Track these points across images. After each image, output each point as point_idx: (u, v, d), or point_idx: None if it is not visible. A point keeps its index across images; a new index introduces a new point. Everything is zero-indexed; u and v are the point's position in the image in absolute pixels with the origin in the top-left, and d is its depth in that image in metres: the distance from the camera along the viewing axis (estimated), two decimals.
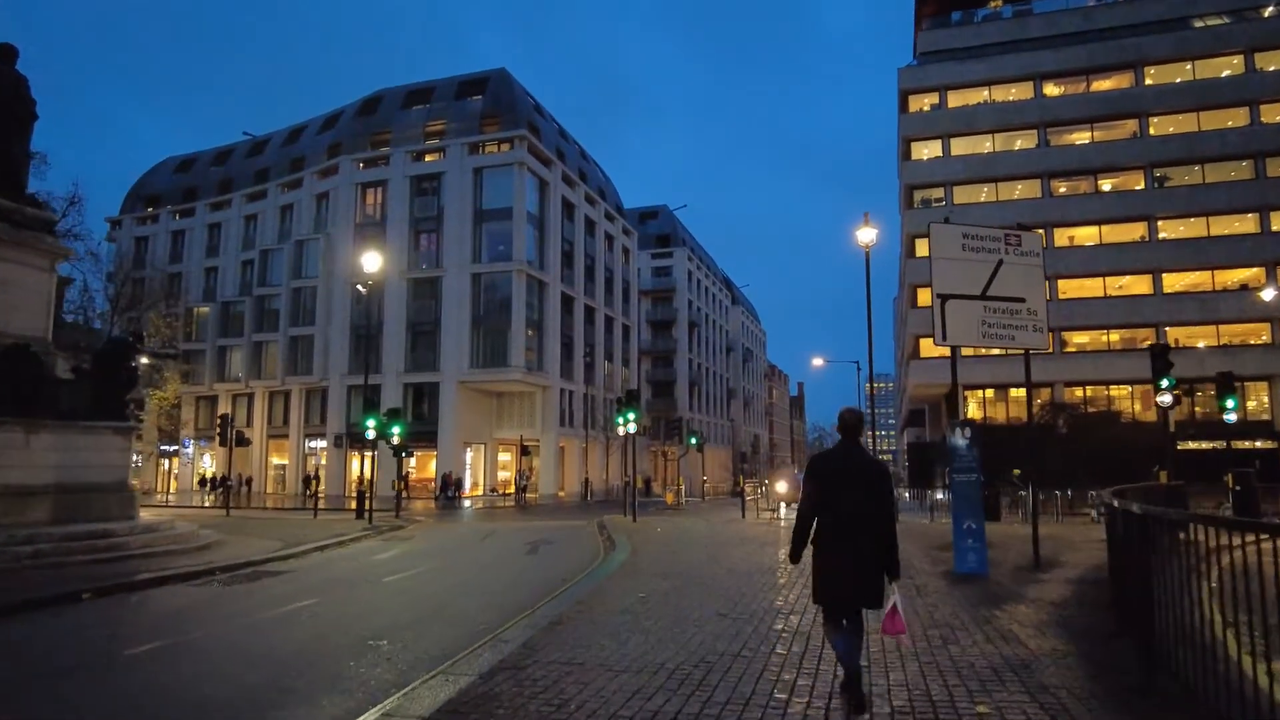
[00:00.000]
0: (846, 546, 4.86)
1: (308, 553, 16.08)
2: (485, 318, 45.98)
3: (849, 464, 5.04)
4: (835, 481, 4.98)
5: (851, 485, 4.93)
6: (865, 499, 4.91)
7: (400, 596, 10.56)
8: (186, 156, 64.83)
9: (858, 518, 4.88)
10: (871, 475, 4.99)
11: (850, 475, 4.97)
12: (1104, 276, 45.14)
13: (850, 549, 4.86)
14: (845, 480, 4.96)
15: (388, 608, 9.67)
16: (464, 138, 47.87)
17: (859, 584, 4.87)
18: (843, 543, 4.87)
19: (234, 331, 54.55)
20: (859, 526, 4.87)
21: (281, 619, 8.87)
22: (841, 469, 5.02)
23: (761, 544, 15.30)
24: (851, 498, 4.90)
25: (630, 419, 22.43)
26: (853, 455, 5.10)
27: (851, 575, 4.86)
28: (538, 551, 16.29)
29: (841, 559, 4.86)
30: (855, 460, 5.06)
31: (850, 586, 4.88)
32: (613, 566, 12.53)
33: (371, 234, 49.28)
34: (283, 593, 10.91)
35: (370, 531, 20.76)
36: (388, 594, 10.83)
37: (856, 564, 4.86)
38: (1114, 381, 44.79)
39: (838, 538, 4.89)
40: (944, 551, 13.64)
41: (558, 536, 19.55)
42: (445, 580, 12.20)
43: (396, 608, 9.64)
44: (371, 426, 24.32)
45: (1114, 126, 46.03)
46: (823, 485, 5.01)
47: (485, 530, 21.93)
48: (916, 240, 48.24)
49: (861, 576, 4.86)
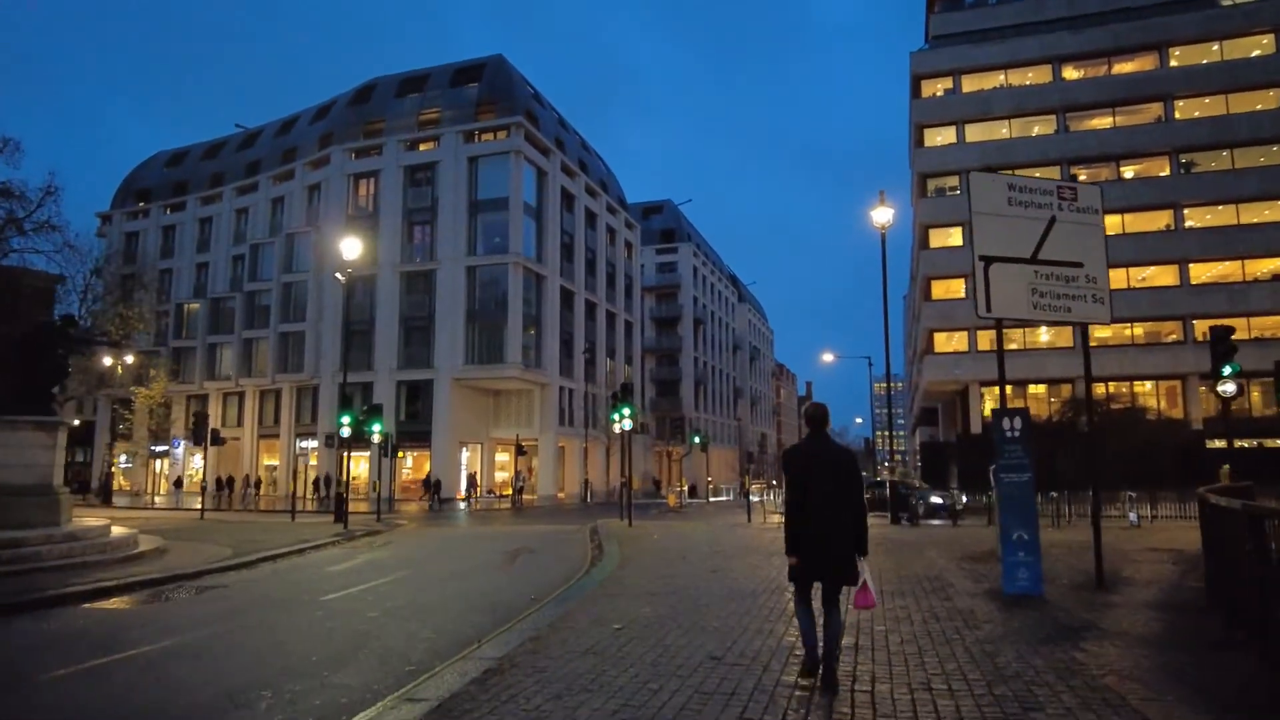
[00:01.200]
0: (822, 528, 5.25)
1: (257, 563, 14.28)
2: (481, 313, 44.18)
3: (819, 453, 5.45)
4: (809, 470, 5.38)
5: (823, 472, 5.34)
6: (836, 483, 5.31)
7: (328, 623, 8.71)
8: (178, 150, 63.28)
9: (831, 501, 5.27)
10: (841, 461, 5.45)
11: (822, 463, 5.39)
12: (1127, 267, 42.94)
13: (825, 530, 5.25)
14: (818, 468, 5.36)
15: (300, 641, 7.81)
16: (459, 125, 46.10)
17: (836, 561, 5.27)
18: (818, 525, 5.26)
19: (224, 328, 52.93)
20: (833, 509, 5.27)
21: (147, 662, 6.95)
22: (813, 458, 5.43)
23: (768, 554, 13.41)
24: (823, 483, 5.30)
25: (625, 415, 20.54)
26: (822, 445, 5.53)
27: (828, 553, 5.25)
28: (516, 561, 14.45)
29: (818, 539, 5.25)
30: (824, 449, 5.49)
31: (828, 563, 5.28)
32: (594, 582, 10.68)
33: (364, 226, 47.43)
34: (188, 617, 9.10)
35: (340, 538, 18.95)
36: (315, 619, 8.99)
37: (832, 543, 5.25)
38: (1139, 377, 42.71)
39: (814, 520, 5.27)
40: (979, 564, 11.74)
41: (544, 543, 17.70)
42: (395, 598, 10.35)
43: (312, 641, 7.78)
44: (346, 424, 22.46)
45: (1137, 110, 43.93)
46: (799, 474, 5.40)
47: (468, 535, 20.11)
48: (931, 230, 46.32)
49: (838, 554, 5.26)
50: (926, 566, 11.58)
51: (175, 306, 55.90)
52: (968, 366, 44.16)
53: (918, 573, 10.89)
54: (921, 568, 11.45)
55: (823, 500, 5.23)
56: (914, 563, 12.04)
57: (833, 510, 5.22)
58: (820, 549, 5.23)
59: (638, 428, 54.95)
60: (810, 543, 5.24)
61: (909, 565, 11.71)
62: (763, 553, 13.74)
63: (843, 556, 5.24)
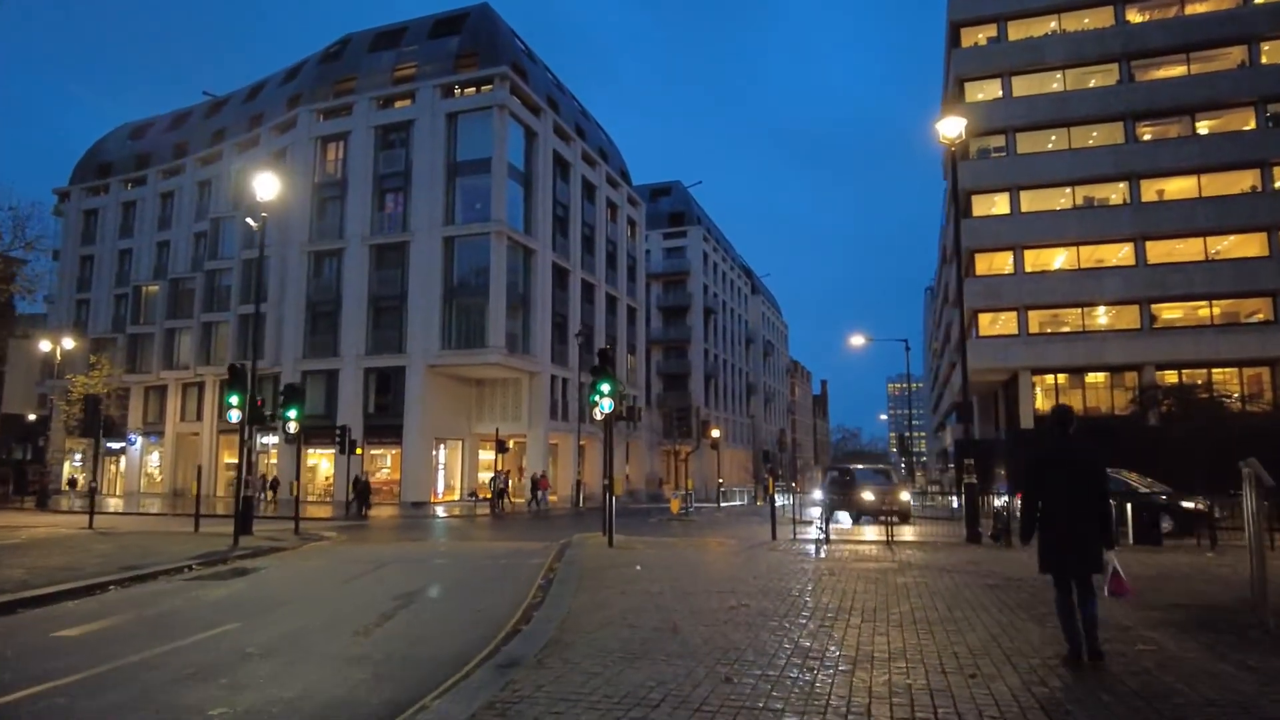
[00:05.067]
0: (1068, 522, 5.79)
1: (48, 599, 8.89)
2: (460, 290, 38.79)
3: (1065, 453, 5.97)
4: (1054, 468, 5.91)
5: (1070, 471, 5.86)
6: (1082, 481, 5.83)
7: None
8: (142, 122, 58.29)
9: (1078, 498, 5.80)
10: (1084, 459, 5.93)
11: (1068, 462, 5.92)
12: (1204, 236, 37.19)
13: (1071, 523, 5.78)
14: (1065, 467, 5.89)
15: None
16: (437, 80, 40.72)
17: (1081, 552, 5.80)
18: (1068, 521, 5.79)
19: (184, 312, 47.82)
20: (1080, 505, 5.79)
21: None
22: (1059, 457, 5.96)
23: (833, 616, 7.89)
24: (1071, 481, 5.82)
25: (604, 393, 15.00)
26: (1067, 445, 6.05)
27: (1073, 545, 5.79)
28: (393, 618, 8.92)
29: (1064, 532, 5.81)
30: (1069, 449, 6.00)
31: (1075, 555, 5.79)
32: (466, 708, 5.19)
33: (330, 195, 42.40)
34: None
35: (202, 561, 13.55)
36: None
37: (1078, 535, 5.79)
38: (1217, 363, 36.80)
39: (1060, 515, 5.82)
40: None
41: (471, 579, 12.23)
42: (99, 699, 4.95)
43: None
44: (235, 406, 17.03)
45: (1214, 56, 38.03)
46: (1044, 472, 5.95)
47: (377, 560, 14.63)
48: (974, 197, 40.57)
49: (1086, 547, 5.80)
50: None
51: (133, 289, 50.91)
52: (1017, 352, 38.42)
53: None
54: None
55: (1069, 497, 5.81)
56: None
57: (1079, 506, 5.78)
58: (1070, 543, 5.78)
59: (633, 418, 49.39)
60: (1060, 538, 5.81)
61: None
62: (818, 614, 8.16)
63: (1091, 550, 5.80)
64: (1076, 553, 5.67)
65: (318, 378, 40.70)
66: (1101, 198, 39.20)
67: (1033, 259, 39.41)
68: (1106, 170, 38.34)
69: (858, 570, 11.38)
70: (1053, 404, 40.92)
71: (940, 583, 10.12)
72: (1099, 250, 38.82)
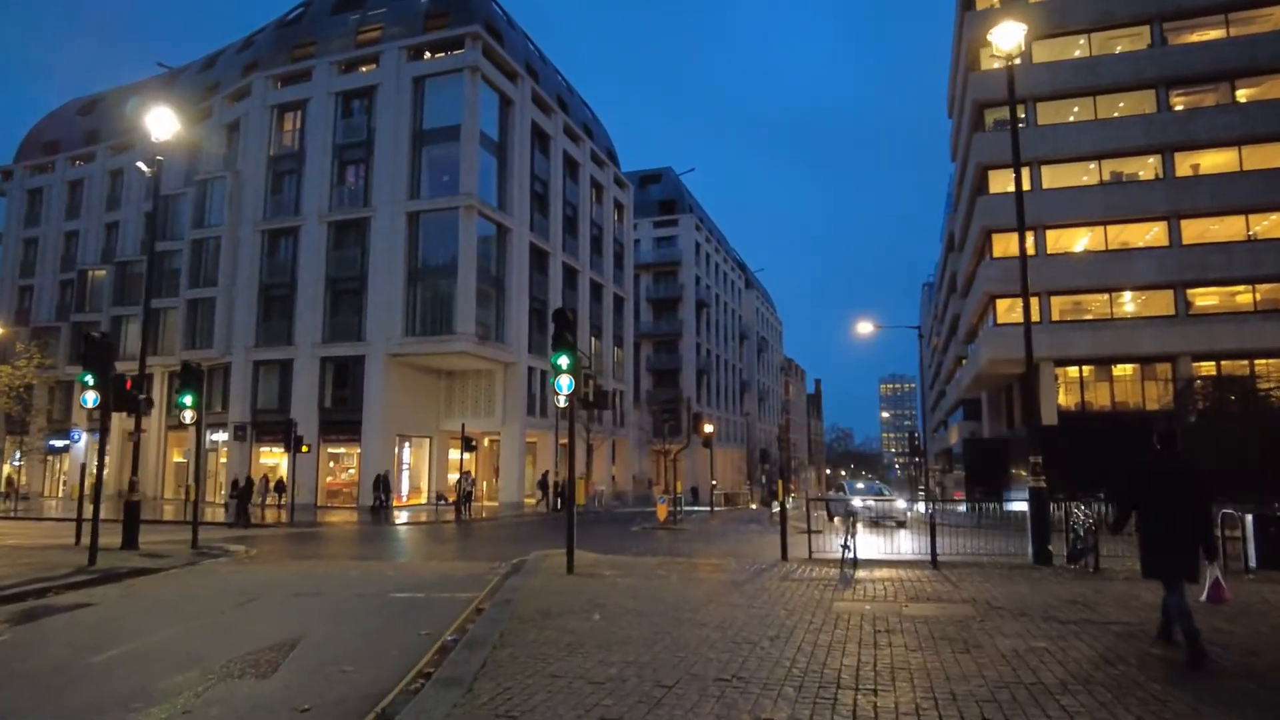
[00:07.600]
0: (1171, 533, 6.29)
1: None
2: (425, 271, 35.08)
3: (1168, 467, 6.47)
4: (1159, 482, 6.40)
5: (1174, 484, 6.34)
6: (1184, 494, 6.29)
7: None
8: (92, 97, 54.36)
9: (1178, 509, 6.27)
10: (1186, 475, 6.37)
11: (1171, 477, 6.39)
12: (1246, 214, 33.80)
13: (1176, 534, 6.28)
14: (1167, 481, 6.38)
15: None
16: (403, 41, 36.98)
17: (1181, 561, 6.29)
18: (1175, 530, 6.28)
19: (133, 298, 43.92)
20: (1178, 516, 6.26)
21: None
22: (1164, 472, 6.45)
23: None
24: (1174, 494, 6.30)
25: (563, 368, 11.34)
26: (1171, 461, 6.56)
27: (1175, 553, 6.29)
28: None
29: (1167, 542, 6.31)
30: (1173, 465, 6.48)
31: (1174, 562, 6.28)
32: None
33: (287, 168, 38.64)
34: None
35: (44, 582, 9.83)
36: None
37: (1180, 545, 6.29)
38: (1260, 353, 33.39)
39: (1163, 526, 6.32)
40: None
41: (352, 625, 8.59)
42: None
43: None
44: (90, 386, 13.38)
45: (1257, 16, 34.67)
46: (1150, 485, 6.41)
47: (271, 583, 10.96)
48: (990, 173, 37.12)
49: (1183, 555, 6.30)
50: None
51: (79, 274, 46.99)
52: (1039, 341, 34.68)
53: None
54: None
55: (1172, 509, 6.29)
56: None
57: (1181, 517, 6.27)
58: (1174, 552, 6.29)
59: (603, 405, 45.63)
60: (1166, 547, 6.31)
61: None
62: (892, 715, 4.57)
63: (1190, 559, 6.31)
64: (1177, 559, 6.22)
65: (271, 368, 36.96)
66: (1130, 173, 35.78)
67: (1054, 240, 35.97)
68: (1136, 142, 34.88)
69: (920, 618, 7.81)
70: (1078, 399, 37.71)
71: (1071, 649, 6.51)
72: (1127, 230, 35.41)
